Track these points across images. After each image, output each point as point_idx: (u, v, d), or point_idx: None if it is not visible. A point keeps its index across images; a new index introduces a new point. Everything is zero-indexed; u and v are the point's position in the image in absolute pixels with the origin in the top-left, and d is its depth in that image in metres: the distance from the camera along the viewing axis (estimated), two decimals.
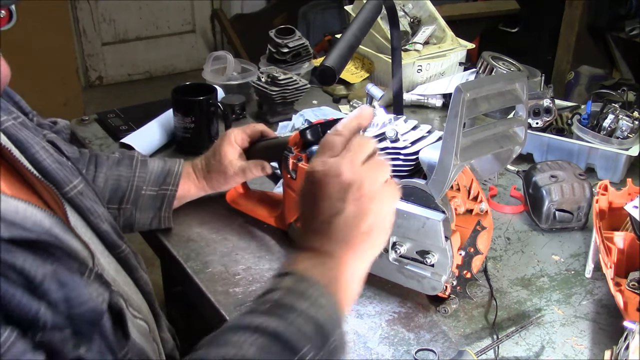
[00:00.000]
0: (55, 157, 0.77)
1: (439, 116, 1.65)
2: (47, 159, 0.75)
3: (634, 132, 1.34)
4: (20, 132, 0.75)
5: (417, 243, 0.95)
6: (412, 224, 0.94)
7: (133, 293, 0.81)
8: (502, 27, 3.30)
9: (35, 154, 0.74)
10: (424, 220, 0.93)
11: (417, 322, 0.98)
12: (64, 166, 0.78)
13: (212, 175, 1.16)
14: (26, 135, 0.75)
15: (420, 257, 0.96)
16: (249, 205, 1.21)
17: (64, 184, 0.75)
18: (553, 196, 1.16)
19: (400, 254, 0.97)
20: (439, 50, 1.77)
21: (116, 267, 0.79)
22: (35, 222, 0.61)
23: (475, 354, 0.89)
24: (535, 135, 1.39)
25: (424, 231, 0.94)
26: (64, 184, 0.75)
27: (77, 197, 0.77)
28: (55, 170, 0.75)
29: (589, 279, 1.08)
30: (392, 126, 0.98)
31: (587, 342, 0.94)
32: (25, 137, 0.75)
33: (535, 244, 1.17)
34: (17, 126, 0.76)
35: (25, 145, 0.74)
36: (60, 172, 0.76)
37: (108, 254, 0.79)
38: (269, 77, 1.54)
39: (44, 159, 0.75)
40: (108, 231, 0.79)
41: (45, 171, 0.74)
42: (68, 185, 0.76)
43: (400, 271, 0.98)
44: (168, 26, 4.23)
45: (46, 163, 0.75)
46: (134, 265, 0.84)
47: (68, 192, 0.76)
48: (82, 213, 0.77)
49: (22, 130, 0.76)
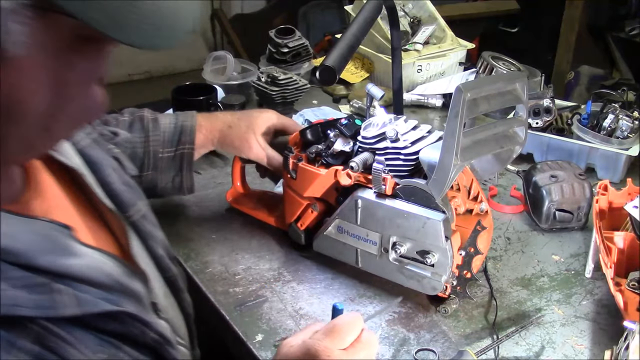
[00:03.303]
0: (124, 179, 0.77)
1: (439, 116, 1.65)
2: (116, 181, 0.75)
3: (634, 132, 1.34)
4: (94, 150, 0.74)
5: (417, 243, 0.95)
6: (412, 224, 0.94)
7: (177, 317, 0.81)
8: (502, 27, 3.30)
9: (107, 177, 0.74)
10: (424, 220, 0.93)
11: (417, 322, 0.98)
12: (132, 188, 0.77)
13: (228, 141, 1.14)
14: (99, 155, 0.74)
15: (420, 257, 0.96)
16: (249, 205, 1.21)
17: (130, 207, 0.75)
18: (553, 196, 1.16)
19: (401, 254, 0.97)
20: (439, 50, 1.77)
21: (165, 292, 0.79)
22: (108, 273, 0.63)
23: (475, 354, 0.89)
24: (535, 135, 1.39)
25: (424, 231, 0.94)
26: (129, 207, 0.75)
27: (140, 222, 0.76)
28: (123, 193, 0.75)
29: (589, 279, 1.08)
30: (392, 126, 0.98)
31: (587, 342, 0.94)
32: (97, 156, 0.74)
33: (535, 244, 1.17)
34: (91, 145, 0.75)
35: (98, 167, 0.73)
36: (127, 195, 0.75)
37: (160, 278, 0.78)
38: (269, 77, 1.54)
39: (114, 181, 0.74)
40: (163, 256, 0.79)
41: (114, 193, 0.73)
42: (133, 208, 0.75)
43: (401, 271, 0.98)
44: None
45: (116, 186, 0.74)
46: (181, 288, 0.83)
47: (132, 215, 0.75)
48: (144, 239, 0.76)
49: (95, 149, 0.75)
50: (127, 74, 4.18)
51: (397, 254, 0.97)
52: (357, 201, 0.98)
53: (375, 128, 0.98)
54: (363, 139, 0.99)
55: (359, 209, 0.98)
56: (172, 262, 0.82)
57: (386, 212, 0.96)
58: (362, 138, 0.99)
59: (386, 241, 0.97)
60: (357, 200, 0.98)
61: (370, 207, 0.97)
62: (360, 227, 1.00)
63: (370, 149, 0.98)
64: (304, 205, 1.08)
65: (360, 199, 0.98)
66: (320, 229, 1.06)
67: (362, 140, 0.99)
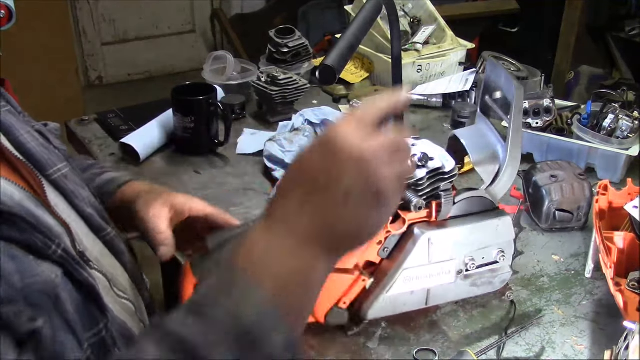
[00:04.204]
0: (41, 142, 0.78)
1: (439, 116, 1.65)
2: (31, 142, 0.76)
3: (634, 132, 1.34)
4: (6, 116, 0.75)
5: (491, 248, 0.96)
6: (486, 233, 0.95)
7: (119, 275, 0.81)
8: (502, 27, 3.30)
9: (19, 137, 0.75)
10: (496, 224, 0.95)
11: (417, 322, 0.98)
12: (50, 151, 0.78)
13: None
14: (11, 120, 0.76)
15: (493, 259, 0.97)
16: None
17: (48, 167, 0.76)
18: (553, 196, 1.16)
19: (476, 266, 0.96)
20: (439, 50, 1.76)
21: (101, 250, 0.80)
22: (5, 193, 0.62)
23: (476, 354, 0.89)
24: (535, 135, 1.39)
25: (497, 234, 0.95)
26: (47, 166, 0.76)
27: (61, 180, 0.77)
28: (40, 153, 0.76)
29: (589, 279, 1.07)
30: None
31: (587, 342, 0.94)
32: (10, 121, 0.75)
33: (535, 244, 1.17)
34: (3, 112, 0.76)
35: (10, 129, 0.74)
36: (44, 155, 0.76)
37: (94, 237, 0.79)
38: (269, 77, 1.54)
39: (28, 142, 0.75)
40: (92, 214, 0.80)
41: (29, 153, 0.74)
42: (52, 168, 0.76)
43: (474, 284, 0.98)
44: (168, 26, 4.23)
45: (30, 146, 0.75)
46: (120, 249, 0.84)
47: (52, 174, 0.76)
48: (66, 196, 0.77)
49: (8, 116, 0.76)
50: (127, 74, 4.19)
51: (473, 267, 0.96)
52: (429, 239, 0.92)
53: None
54: None
55: (432, 247, 0.92)
56: (106, 223, 0.82)
57: (457, 235, 0.93)
58: None
59: (461, 263, 0.95)
60: (429, 239, 0.91)
61: (440, 238, 0.92)
62: (433, 264, 0.93)
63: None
64: (353, 278, 0.93)
65: (429, 237, 0.91)
66: (371, 295, 0.93)
67: None
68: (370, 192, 0.58)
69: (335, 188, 0.58)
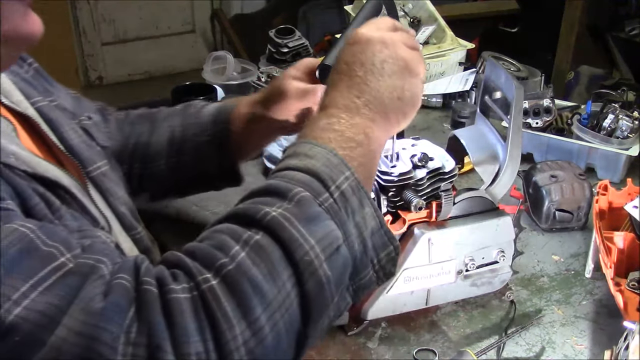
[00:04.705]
0: (84, 139, 0.81)
1: (439, 116, 1.65)
2: (75, 138, 0.79)
3: (634, 132, 1.34)
4: (53, 112, 0.79)
5: (491, 247, 0.96)
6: (485, 233, 0.95)
7: None
8: (502, 27, 3.30)
9: (63, 133, 0.77)
10: (496, 223, 0.95)
11: (417, 322, 0.98)
12: (92, 148, 0.82)
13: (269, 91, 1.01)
14: (58, 116, 0.79)
15: (493, 259, 0.97)
16: None
17: (88, 164, 0.79)
18: (553, 196, 1.16)
19: (476, 266, 0.96)
20: (439, 50, 1.76)
21: (131, 248, 0.81)
22: (56, 176, 0.66)
23: (476, 354, 0.88)
24: (535, 135, 1.39)
25: (498, 233, 0.95)
26: (87, 163, 0.79)
27: (99, 177, 0.80)
28: (82, 150, 0.79)
29: (589, 279, 1.07)
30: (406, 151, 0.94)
31: (587, 342, 0.94)
32: (56, 117, 0.78)
33: (535, 244, 1.17)
34: (51, 107, 0.79)
35: (55, 124, 0.77)
36: (85, 152, 0.79)
37: (125, 235, 0.81)
38: (269, 77, 1.54)
39: (72, 138, 0.78)
40: (125, 213, 0.82)
41: (72, 149, 0.77)
42: (92, 165, 0.79)
43: (474, 284, 0.98)
44: (168, 26, 4.22)
45: (73, 142, 0.78)
46: (148, 248, 0.86)
47: (91, 171, 0.79)
48: (103, 193, 0.80)
49: (55, 111, 0.79)
50: (127, 74, 4.18)
51: (473, 267, 0.96)
52: (429, 240, 0.92)
53: (401, 162, 0.92)
54: (399, 176, 0.90)
55: (432, 247, 0.92)
56: (138, 222, 0.85)
57: (457, 235, 0.93)
58: (398, 176, 0.90)
59: (461, 263, 0.95)
60: (429, 239, 0.92)
61: (440, 238, 0.93)
62: (433, 264, 0.94)
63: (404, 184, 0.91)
64: None
65: (429, 237, 0.92)
66: (372, 295, 0.93)
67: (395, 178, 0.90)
68: (399, 62, 0.71)
69: (371, 66, 0.70)
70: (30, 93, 0.78)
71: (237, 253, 0.55)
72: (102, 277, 0.53)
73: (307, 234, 0.57)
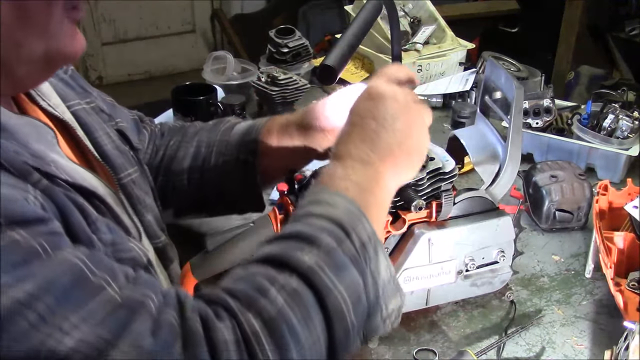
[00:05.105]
0: (117, 144, 0.82)
1: (439, 116, 1.65)
2: (108, 144, 0.80)
3: (634, 132, 1.34)
4: (89, 116, 0.80)
5: (491, 247, 0.96)
6: (485, 233, 0.95)
7: (162, 281, 0.84)
8: (502, 27, 3.30)
9: (97, 138, 0.79)
10: (496, 223, 0.94)
11: (417, 322, 0.98)
12: (123, 154, 0.82)
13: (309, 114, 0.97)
14: (93, 120, 0.80)
15: (494, 259, 0.97)
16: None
17: (119, 170, 0.80)
18: (553, 196, 1.16)
19: (476, 266, 0.96)
20: (439, 50, 1.77)
21: (155, 257, 0.82)
22: (93, 185, 0.68)
23: (476, 354, 0.89)
24: (535, 135, 1.39)
25: (498, 233, 0.95)
26: (119, 170, 0.80)
27: (129, 185, 0.81)
28: (114, 156, 0.80)
29: (589, 279, 1.08)
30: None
31: (587, 342, 0.94)
32: (91, 121, 0.79)
33: (535, 244, 1.17)
34: (87, 110, 0.80)
35: (90, 128, 0.78)
36: (118, 159, 0.80)
37: (148, 243, 0.82)
38: (269, 77, 1.54)
39: (105, 143, 0.79)
40: (151, 221, 0.83)
41: (105, 155, 0.78)
42: (123, 172, 0.80)
43: (474, 284, 0.98)
44: (168, 26, 4.23)
45: (106, 148, 0.79)
46: (170, 257, 0.87)
47: (122, 178, 0.80)
48: (131, 200, 0.81)
49: (91, 115, 0.80)
50: (127, 74, 4.19)
51: (473, 267, 0.96)
52: (429, 240, 0.91)
53: None
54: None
55: (432, 247, 0.92)
56: (162, 232, 0.86)
57: (457, 235, 0.93)
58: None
59: (461, 263, 0.95)
60: (429, 239, 0.91)
61: (440, 238, 0.92)
62: (433, 264, 0.94)
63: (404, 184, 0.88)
64: None
65: (429, 237, 0.91)
66: None
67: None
68: (408, 117, 0.74)
69: (383, 121, 0.73)
70: (68, 95, 0.79)
71: (276, 297, 0.58)
72: (150, 313, 0.54)
73: (337, 281, 0.60)
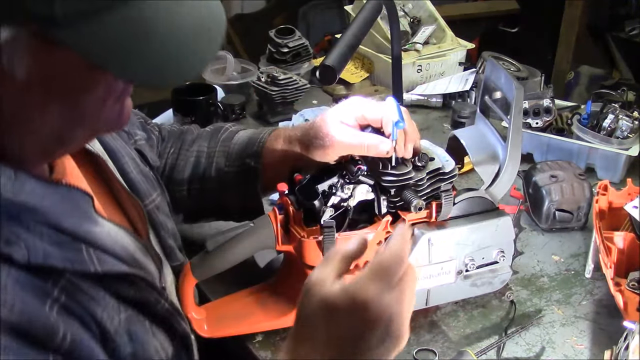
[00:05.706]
0: (141, 168, 0.81)
1: (439, 116, 1.65)
2: (133, 170, 0.78)
3: (634, 132, 1.34)
4: (115, 141, 0.78)
5: (491, 247, 0.96)
6: (485, 233, 0.95)
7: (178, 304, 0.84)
8: (502, 27, 3.30)
9: (124, 165, 0.77)
10: (496, 223, 0.94)
11: (417, 322, 0.98)
12: (147, 178, 0.81)
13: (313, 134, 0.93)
14: (118, 145, 0.78)
15: (494, 259, 0.97)
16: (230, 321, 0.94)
17: (145, 197, 0.78)
18: (553, 196, 1.16)
19: (476, 266, 0.96)
20: (439, 50, 1.76)
21: (172, 280, 0.82)
22: (123, 246, 0.66)
23: (476, 354, 0.89)
24: (535, 135, 1.39)
25: (498, 233, 0.95)
26: (144, 197, 0.78)
27: (153, 212, 0.80)
28: (140, 183, 0.78)
29: (589, 279, 1.07)
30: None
31: (587, 342, 0.94)
32: (117, 147, 0.78)
33: (535, 244, 1.17)
34: (113, 135, 0.78)
35: (117, 155, 0.77)
36: (143, 185, 0.79)
37: (169, 267, 0.82)
38: (269, 77, 1.54)
39: (131, 170, 0.78)
40: (172, 246, 0.82)
41: (131, 182, 0.77)
42: (148, 198, 0.79)
43: (474, 284, 0.98)
44: None
45: (133, 175, 0.78)
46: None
47: (147, 205, 0.79)
48: (155, 227, 0.79)
49: (117, 140, 0.79)
50: None
51: (473, 267, 0.96)
52: (429, 240, 0.91)
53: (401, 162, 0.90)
54: (399, 177, 0.89)
55: (432, 247, 0.92)
56: (180, 252, 0.85)
57: (457, 236, 0.93)
58: (398, 176, 0.89)
59: (461, 263, 0.95)
60: (429, 239, 0.91)
61: (440, 239, 0.92)
62: (433, 265, 0.93)
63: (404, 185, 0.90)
64: None
65: (429, 237, 0.91)
66: None
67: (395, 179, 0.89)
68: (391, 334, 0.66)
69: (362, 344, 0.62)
70: None
71: None
72: None
73: None
